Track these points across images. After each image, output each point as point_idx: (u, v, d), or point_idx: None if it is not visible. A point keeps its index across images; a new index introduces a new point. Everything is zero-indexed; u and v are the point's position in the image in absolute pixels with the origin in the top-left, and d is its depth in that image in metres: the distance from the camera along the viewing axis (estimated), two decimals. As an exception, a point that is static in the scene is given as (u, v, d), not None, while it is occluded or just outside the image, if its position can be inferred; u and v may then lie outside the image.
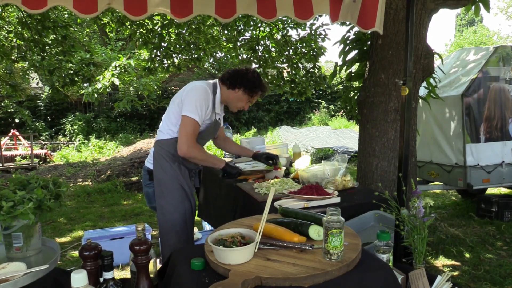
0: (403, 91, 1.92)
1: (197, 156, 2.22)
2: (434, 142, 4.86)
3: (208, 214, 3.24)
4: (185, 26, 5.99)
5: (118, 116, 15.08)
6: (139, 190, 6.85)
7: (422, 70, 3.29)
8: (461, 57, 5.25)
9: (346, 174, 2.44)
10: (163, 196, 2.26)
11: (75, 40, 7.51)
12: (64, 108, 14.75)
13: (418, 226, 1.62)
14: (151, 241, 1.50)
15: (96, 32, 14.67)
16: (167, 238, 2.27)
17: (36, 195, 1.51)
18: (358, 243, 1.44)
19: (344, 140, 11.53)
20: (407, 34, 1.91)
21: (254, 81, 2.34)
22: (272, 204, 1.79)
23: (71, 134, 13.94)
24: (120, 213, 5.47)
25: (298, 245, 1.41)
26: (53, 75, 6.09)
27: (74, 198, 6.53)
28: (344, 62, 3.87)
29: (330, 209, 1.35)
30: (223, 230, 1.50)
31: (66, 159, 10.66)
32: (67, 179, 8.15)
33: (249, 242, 1.38)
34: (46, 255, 1.58)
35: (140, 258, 1.39)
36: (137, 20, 5.21)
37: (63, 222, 5.11)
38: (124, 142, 12.90)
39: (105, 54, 10.33)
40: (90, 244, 1.45)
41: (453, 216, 4.85)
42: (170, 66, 6.41)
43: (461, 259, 3.54)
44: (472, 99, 4.48)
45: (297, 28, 6.54)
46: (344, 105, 3.95)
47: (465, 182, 4.44)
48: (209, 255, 1.37)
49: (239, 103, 2.40)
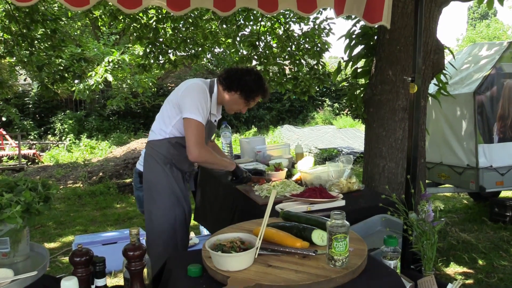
0: (411, 89, 1.92)
1: (209, 160, 2.21)
2: (444, 143, 4.86)
3: (204, 218, 3.24)
4: (182, 20, 5.99)
5: (111, 114, 15.08)
6: (133, 192, 6.84)
7: (431, 67, 3.29)
8: (473, 52, 5.25)
9: (351, 176, 2.44)
10: (152, 200, 2.23)
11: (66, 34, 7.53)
12: (53, 106, 14.76)
13: (428, 231, 1.62)
14: (145, 247, 1.50)
15: (87, 26, 14.68)
16: (153, 247, 2.23)
17: (24, 197, 1.51)
18: (364, 249, 1.44)
19: (349, 140, 11.53)
20: (416, 28, 1.91)
21: (253, 85, 2.26)
22: (273, 208, 1.79)
23: (61, 133, 13.96)
24: (113, 217, 5.47)
25: (300, 251, 1.41)
26: (42, 71, 6.08)
27: (64, 201, 6.54)
28: (350, 58, 3.87)
29: (335, 213, 1.35)
30: (222, 235, 1.50)
31: (56, 160, 10.67)
32: (56, 181, 8.16)
33: (249, 248, 1.38)
34: (35, 261, 1.58)
35: (134, 264, 1.39)
36: (131, 13, 5.21)
37: (53, 227, 5.11)
38: (117, 142, 12.91)
39: (98, 49, 10.32)
40: (81, 250, 1.45)
41: (464, 220, 4.85)
42: (165, 63, 6.41)
43: (473, 266, 3.54)
44: (485, 97, 4.48)
45: (300, 22, 6.53)
46: (350, 103, 3.95)
47: (478, 185, 4.44)
48: (207, 261, 1.38)
49: (235, 106, 2.33)
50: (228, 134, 3.40)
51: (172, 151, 2.21)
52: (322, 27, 6.43)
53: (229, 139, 3.42)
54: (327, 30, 6.44)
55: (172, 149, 2.21)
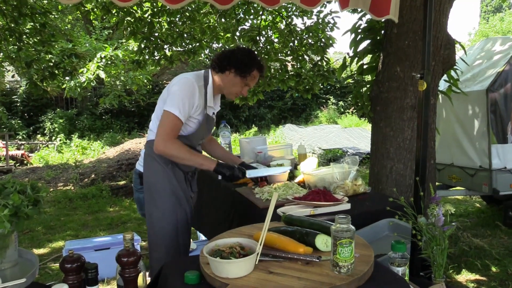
0: (420, 86, 1.92)
1: (175, 154, 2.13)
2: (455, 143, 4.86)
3: (199, 222, 3.23)
4: (178, 14, 5.99)
5: (103, 113, 15.10)
6: (127, 195, 6.86)
7: (442, 62, 3.30)
8: (486, 47, 5.25)
9: (357, 178, 2.45)
10: (153, 202, 2.25)
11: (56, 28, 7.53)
12: (43, 104, 14.78)
13: (438, 236, 1.62)
14: (140, 252, 1.51)
15: (79, 20, 14.71)
16: (155, 250, 2.25)
17: (12, 201, 1.51)
18: (371, 255, 1.44)
19: (355, 140, 11.54)
20: (425, 22, 1.92)
21: (245, 59, 2.21)
22: (274, 211, 1.79)
23: (51, 133, 13.96)
24: (106, 221, 5.48)
25: (303, 257, 1.42)
26: (31, 67, 6.09)
27: (54, 204, 6.54)
28: (355, 54, 3.87)
29: (339, 217, 1.35)
30: (220, 240, 1.51)
31: (46, 161, 10.68)
32: (46, 183, 8.17)
33: (249, 254, 1.39)
34: (23, 268, 1.58)
35: (128, 271, 1.40)
36: (124, 6, 5.22)
37: (42, 231, 5.12)
38: (111, 142, 12.93)
39: (90, 44, 10.34)
40: (72, 256, 1.46)
41: (477, 225, 4.85)
42: (161, 59, 6.42)
43: (486, 274, 3.53)
44: (498, 95, 4.48)
45: (303, 16, 6.53)
46: (355, 101, 3.96)
47: (491, 187, 4.44)
48: (205, 268, 1.38)
49: (234, 88, 2.28)
50: (227, 134, 3.40)
51: None
52: (326, 21, 6.43)
53: (228, 139, 3.42)
54: (331, 24, 6.44)
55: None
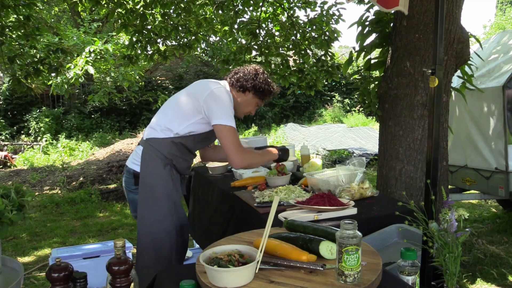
0: (432, 82, 1.92)
1: (254, 161, 2.45)
2: (469, 143, 4.86)
3: (193, 228, 3.23)
4: (172, 6, 6.00)
5: (92, 111, 15.10)
6: (118, 199, 6.87)
7: (455, 57, 3.30)
8: (503, 41, 5.25)
9: (364, 180, 2.45)
10: (147, 203, 2.26)
11: (41, 21, 7.54)
12: (27, 103, 14.78)
13: (450, 243, 1.62)
14: (132, 261, 1.51)
15: (66, 12, 14.72)
16: (143, 256, 2.26)
17: (-4, 205, 1.52)
18: (379, 263, 1.44)
19: (362, 140, 11.55)
20: (437, 14, 1.92)
21: (264, 82, 2.47)
22: (276, 216, 1.79)
23: (36, 133, 13.97)
24: (95, 227, 5.48)
25: (307, 265, 1.42)
26: (14, 63, 6.09)
27: (40, 209, 6.55)
28: (362, 48, 3.87)
29: (345, 222, 1.35)
30: (218, 247, 1.51)
31: (31, 163, 10.68)
32: (31, 186, 8.16)
33: (248, 262, 1.39)
34: (7, 277, 1.58)
35: (119, 281, 1.40)
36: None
37: (27, 238, 5.12)
38: (100, 143, 12.93)
39: (77, 38, 10.34)
40: (59, 264, 1.46)
41: (492, 231, 4.85)
42: (154, 54, 6.42)
43: (503, 283, 3.54)
44: (515, 92, 4.48)
45: (306, 7, 6.55)
46: (362, 99, 3.95)
47: (507, 191, 4.43)
48: (201, 277, 1.38)
49: (247, 108, 2.52)
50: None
51: (174, 151, 2.30)
52: (331, 13, 6.44)
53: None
54: (336, 16, 6.46)
55: (174, 150, 2.30)
